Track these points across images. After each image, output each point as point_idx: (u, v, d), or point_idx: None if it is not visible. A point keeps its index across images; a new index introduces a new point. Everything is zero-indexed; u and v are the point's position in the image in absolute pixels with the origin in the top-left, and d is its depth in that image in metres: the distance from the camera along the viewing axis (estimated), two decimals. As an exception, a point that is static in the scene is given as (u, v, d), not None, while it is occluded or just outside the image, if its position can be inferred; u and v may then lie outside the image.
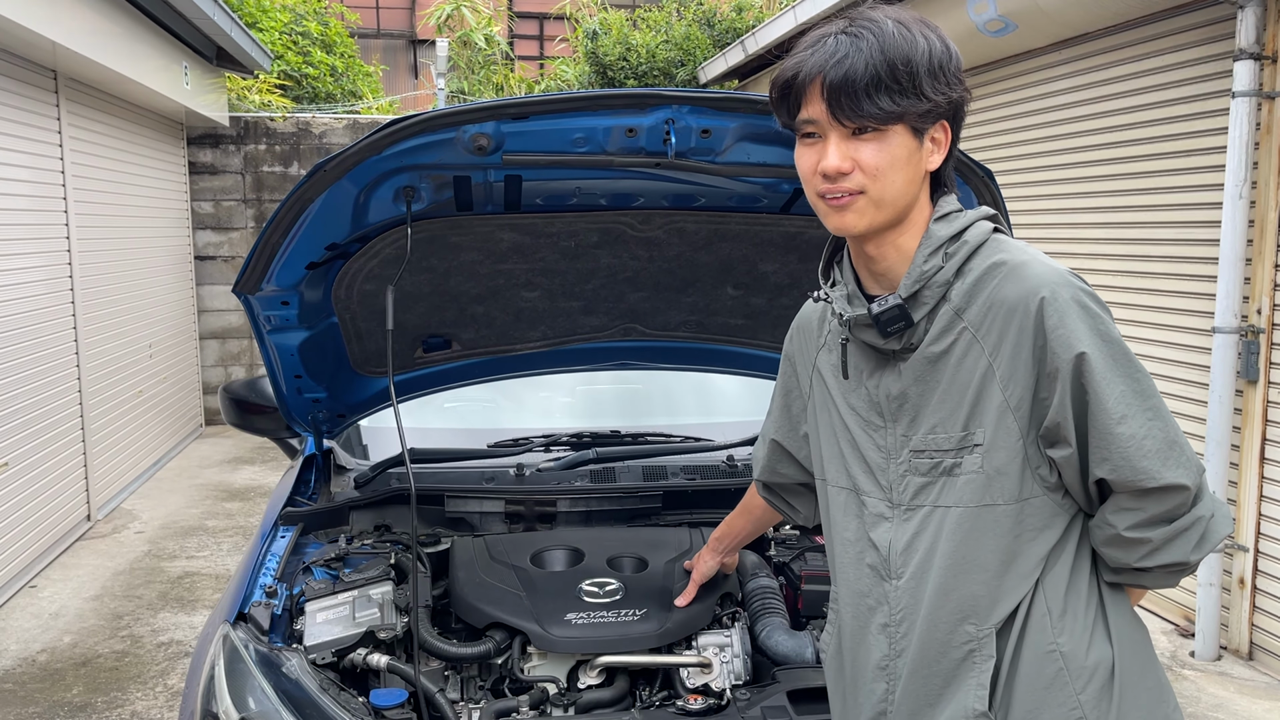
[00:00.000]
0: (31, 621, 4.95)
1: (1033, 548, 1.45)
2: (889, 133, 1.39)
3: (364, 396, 2.94)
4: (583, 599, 2.31)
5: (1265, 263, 4.31)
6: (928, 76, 1.39)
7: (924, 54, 1.39)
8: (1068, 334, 1.38)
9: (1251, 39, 4.20)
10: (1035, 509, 1.44)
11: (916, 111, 1.39)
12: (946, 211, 1.48)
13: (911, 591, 1.51)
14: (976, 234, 1.47)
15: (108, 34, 6.14)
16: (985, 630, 1.45)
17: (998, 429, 1.43)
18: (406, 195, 2.24)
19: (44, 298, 5.92)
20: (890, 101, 1.37)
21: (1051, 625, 1.44)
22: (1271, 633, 4.41)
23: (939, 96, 1.40)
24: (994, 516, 1.44)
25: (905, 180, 1.43)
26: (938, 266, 1.45)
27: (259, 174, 9.69)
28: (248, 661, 2.05)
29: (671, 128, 2.03)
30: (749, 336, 2.96)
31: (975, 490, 1.44)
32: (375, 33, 20.59)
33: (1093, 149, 5.35)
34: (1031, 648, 1.44)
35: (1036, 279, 1.40)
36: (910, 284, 1.46)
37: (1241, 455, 4.47)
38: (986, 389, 1.43)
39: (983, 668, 1.45)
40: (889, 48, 1.37)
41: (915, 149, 1.42)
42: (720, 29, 11.34)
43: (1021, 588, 1.44)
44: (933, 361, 1.47)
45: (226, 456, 8.51)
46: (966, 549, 1.45)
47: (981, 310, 1.43)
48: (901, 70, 1.37)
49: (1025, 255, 1.44)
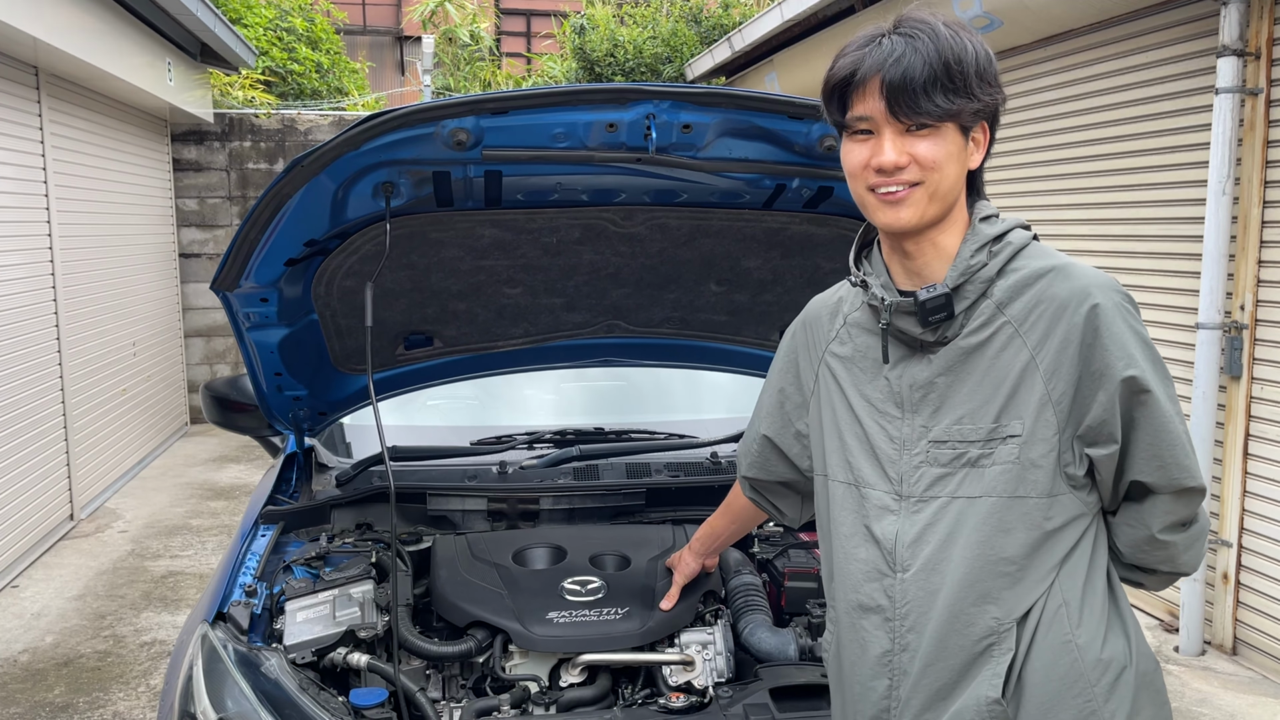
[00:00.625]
0: (13, 621, 4.91)
1: (1058, 542, 1.48)
2: (942, 129, 1.45)
3: (345, 394, 2.92)
4: (565, 597, 2.30)
5: (1248, 259, 4.33)
6: (977, 78, 1.45)
7: (973, 56, 1.46)
8: (1121, 337, 1.45)
9: (1235, 35, 4.21)
10: (1063, 504, 1.48)
11: (969, 110, 1.45)
12: (989, 214, 1.55)
13: (922, 584, 1.51)
14: (1019, 238, 1.53)
15: (90, 30, 6.09)
16: (1008, 623, 1.47)
17: (1038, 421, 1.46)
18: (385, 191, 2.22)
19: (25, 295, 5.88)
20: (946, 100, 1.43)
21: (1069, 619, 1.47)
22: (1255, 628, 4.43)
23: (986, 97, 1.47)
24: (1025, 509, 1.46)
25: (956, 175, 1.49)
26: (982, 263, 1.50)
27: (244, 171, 9.64)
28: (226, 661, 2.04)
29: (652, 123, 2.02)
30: (732, 333, 2.95)
31: (1009, 481, 1.47)
32: (361, 29, 20.52)
33: (1077, 145, 5.36)
34: (1048, 640, 1.47)
35: (1086, 281, 1.47)
36: (956, 275, 1.49)
37: (1225, 451, 4.48)
38: (1026, 381, 1.47)
39: (1001, 659, 1.47)
40: (944, 49, 1.43)
41: (963, 147, 1.49)
42: (707, 25, 11.34)
43: (1044, 581, 1.47)
44: (968, 353, 1.50)
45: (211, 455, 8.47)
46: (997, 540, 1.47)
47: (1027, 306, 1.48)
48: (955, 70, 1.43)
49: (1069, 260, 1.52)
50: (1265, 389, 4.32)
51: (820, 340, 1.70)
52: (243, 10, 11.54)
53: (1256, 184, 4.28)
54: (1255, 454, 4.38)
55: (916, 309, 1.50)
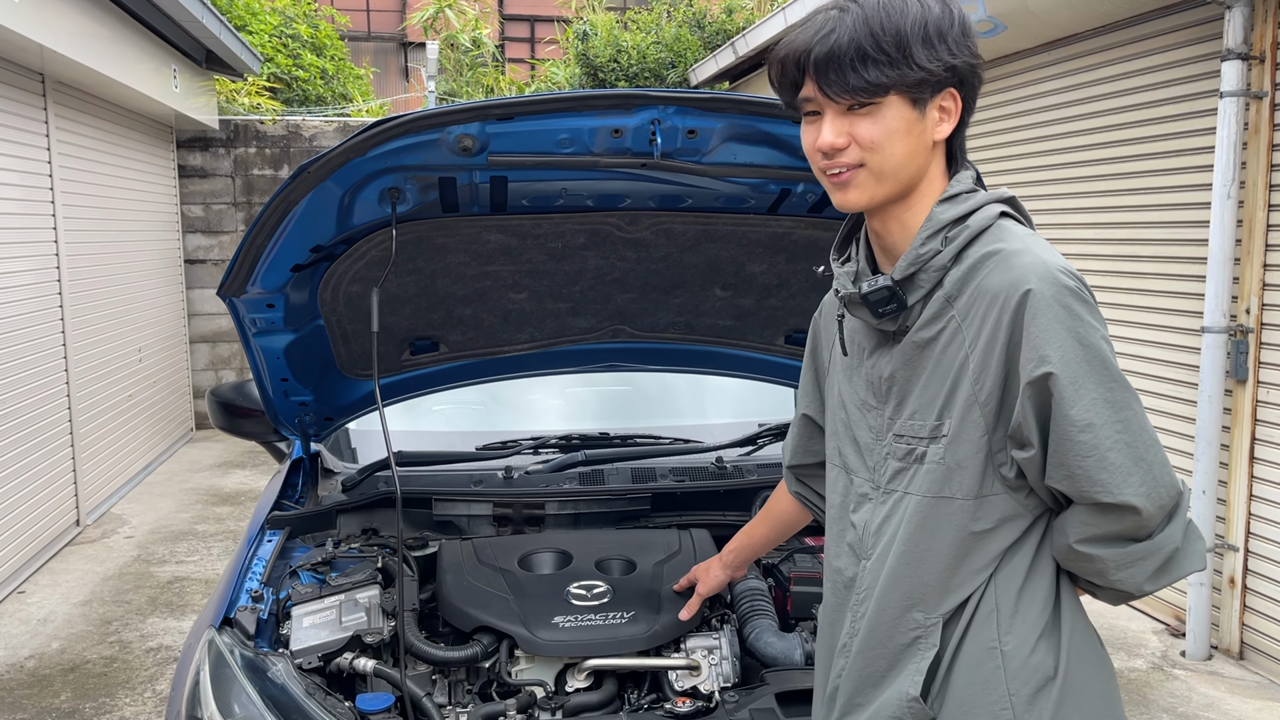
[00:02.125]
0: (20, 627, 4.92)
1: (988, 543, 1.42)
2: (883, 105, 1.37)
3: (351, 399, 2.92)
4: (571, 602, 2.30)
5: (1254, 262, 4.32)
6: (921, 44, 1.35)
7: (916, 21, 1.35)
8: (1040, 333, 1.33)
9: (1239, 39, 4.21)
10: (994, 505, 1.41)
11: (908, 82, 1.35)
12: (955, 192, 1.44)
13: (874, 573, 1.52)
14: (980, 219, 1.42)
15: (96, 37, 6.12)
16: (932, 619, 1.45)
17: (963, 422, 1.40)
18: (392, 197, 2.23)
19: (32, 302, 5.89)
20: (878, 73, 1.34)
21: (998, 623, 1.42)
22: (1262, 632, 4.42)
23: (934, 64, 1.36)
24: (950, 510, 1.42)
25: (906, 152, 1.39)
26: (935, 250, 1.42)
27: (249, 177, 9.66)
28: (233, 666, 2.04)
29: (657, 128, 2.02)
30: (737, 337, 2.95)
31: (934, 481, 1.43)
32: (366, 35, 20.56)
33: (1081, 149, 5.36)
34: (974, 642, 1.43)
35: (1022, 270, 1.35)
36: (905, 266, 1.43)
37: (1231, 455, 4.47)
38: (961, 381, 1.40)
39: (925, 655, 1.45)
40: (873, 18, 1.34)
41: (915, 119, 1.39)
42: (710, 31, 11.35)
43: (973, 582, 1.43)
44: (920, 347, 1.45)
45: (217, 461, 8.48)
46: (921, 538, 1.44)
47: (970, 299, 1.40)
48: (888, 40, 1.34)
49: (1021, 244, 1.39)
50: (1271, 393, 4.32)
51: (832, 324, 1.70)
52: (247, 17, 11.58)
53: (1261, 187, 4.27)
54: (1261, 458, 4.37)
55: (862, 300, 1.46)
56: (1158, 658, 4.57)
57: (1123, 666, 4.48)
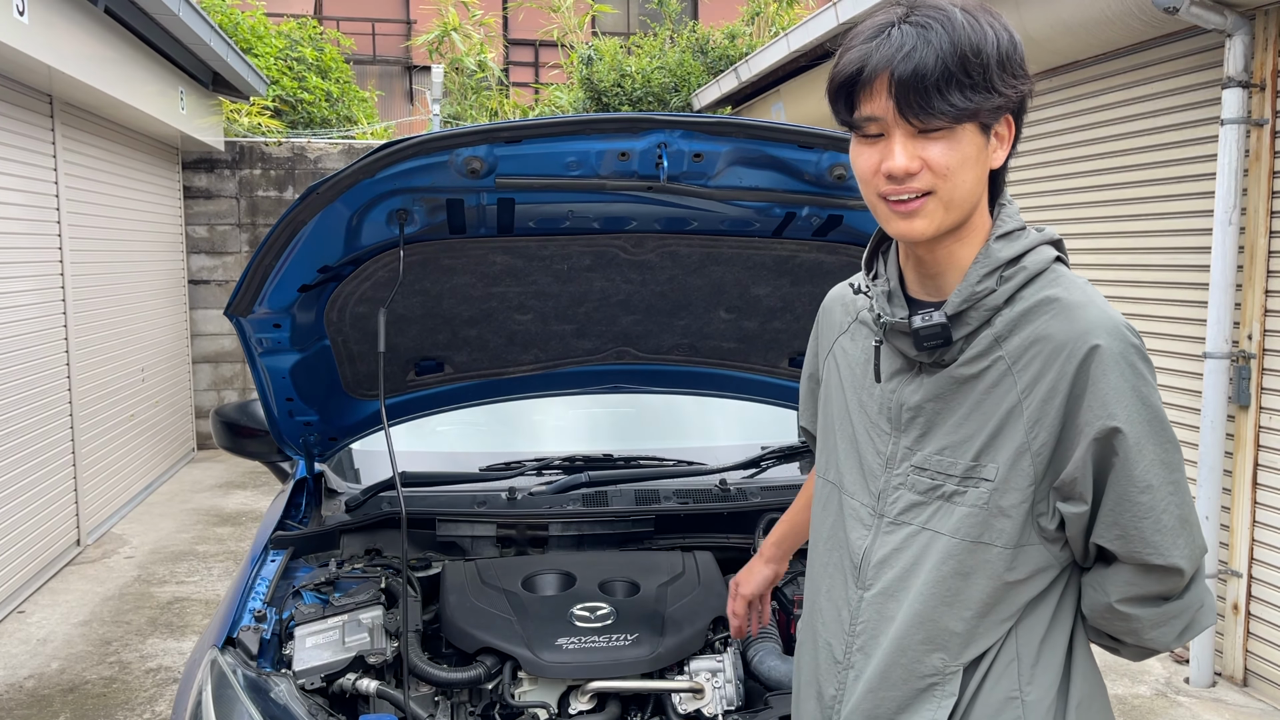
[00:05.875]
0: (19, 647, 4.91)
1: (1019, 593, 1.39)
2: (958, 130, 1.30)
3: (356, 419, 2.93)
4: (574, 623, 2.30)
5: (1255, 288, 4.33)
6: (998, 69, 1.29)
7: (994, 44, 1.29)
8: (1110, 390, 1.30)
9: (1240, 67, 4.24)
10: (1030, 556, 1.38)
11: (989, 107, 1.29)
12: (1009, 230, 1.39)
13: (879, 608, 1.46)
14: (1036, 261, 1.37)
15: (104, 59, 6.16)
16: (954, 667, 1.40)
17: (1012, 470, 1.35)
18: (399, 218, 2.24)
19: (36, 321, 5.91)
20: (963, 98, 1.27)
21: (1019, 673, 1.39)
22: (1266, 659, 4.40)
23: (1009, 90, 1.30)
24: (988, 556, 1.37)
25: (974, 180, 1.34)
26: (990, 289, 1.36)
27: (254, 198, 9.70)
28: (235, 687, 2.04)
29: (664, 151, 2.03)
30: (741, 360, 2.96)
31: (973, 526, 1.38)
32: (371, 59, 20.69)
33: (1083, 176, 5.38)
34: (993, 691, 1.39)
35: (1089, 324, 1.31)
36: (958, 303, 1.37)
37: (1234, 480, 4.47)
38: (1009, 426, 1.36)
39: (943, 704, 1.40)
40: (960, 40, 1.27)
41: (983, 146, 1.33)
42: (713, 56, 11.43)
43: (997, 631, 1.39)
44: (960, 383, 1.39)
45: (218, 481, 8.47)
46: (954, 582, 1.39)
47: (1024, 343, 1.35)
48: (974, 63, 1.27)
49: (1083, 295, 1.35)
50: (1274, 418, 4.32)
51: (832, 330, 1.65)
52: (253, 40, 11.65)
53: (1263, 214, 4.29)
54: (1264, 484, 4.37)
55: (911, 334, 1.40)
56: (1161, 684, 4.54)
57: (1126, 693, 4.46)
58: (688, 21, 13.55)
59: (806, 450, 3.33)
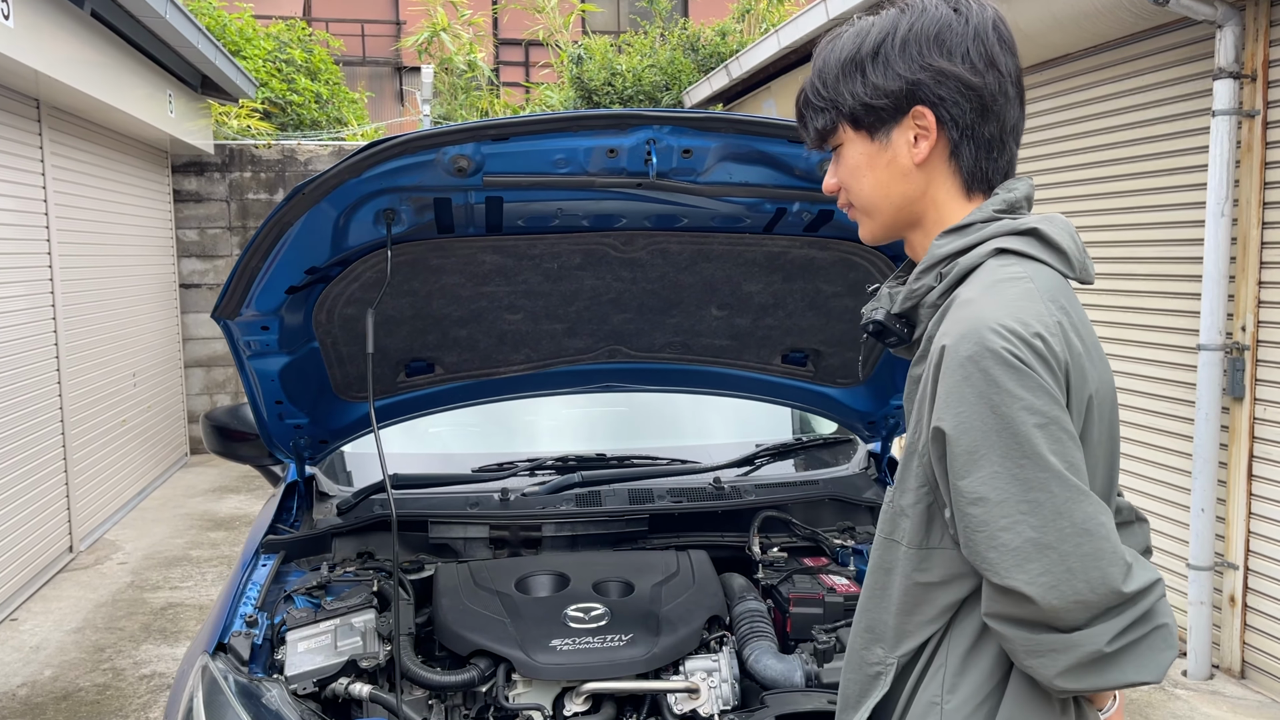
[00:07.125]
0: (12, 655, 4.88)
1: (937, 596, 1.35)
2: (846, 144, 1.40)
3: (347, 422, 2.91)
4: (568, 625, 2.28)
5: (1248, 280, 4.33)
6: (842, 77, 1.36)
7: (837, 55, 1.37)
8: (945, 393, 1.25)
9: (1231, 58, 4.23)
10: (942, 559, 1.34)
11: (846, 116, 1.37)
12: (965, 224, 1.35)
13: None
14: (971, 257, 1.32)
15: (91, 63, 6.13)
16: (890, 659, 1.40)
17: (905, 470, 1.37)
18: (387, 218, 2.22)
19: (26, 326, 5.88)
20: (820, 118, 1.39)
21: (944, 680, 1.35)
22: (1264, 651, 4.40)
23: (866, 91, 1.33)
24: (896, 554, 1.38)
25: (873, 184, 1.39)
26: (929, 286, 1.35)
27: (244, 201, 9.67)
28: (227, 693, 2.02)
29: (653, 148, 2.02)
30: (733, 357, 2.94)
31: (886, 522, 1.41)
32: (360, 60, 20.66)
33: (1075, 169, 5.37)
34: (923, 693, 1.38)
35: (954, 323, 1.26)
36: (901, 300, 1.39)
37: (1229, 472, 4.46)
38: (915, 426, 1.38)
39: (876, 693, 1.41)
40: (818, 58, 1.37)
41: (875, 151, 1.37)
42: (704, 54, 11.42)
43: (924, 631, 1.37)
44: (914, 382, 1.39)
45: (211, 485, 8.44)
46: (880, 577, 1.42)
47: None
48: (818, 83, 1.37)
49: (981, 293, 1.27)
50: (1268, 410, 4.31)
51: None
52: (241, 42, 11.62)
53: (1255, 205, 4.29)
54: (1259, 475, 4.37)
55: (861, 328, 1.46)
56: (1159, 677, 4.54)
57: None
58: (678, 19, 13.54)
59: (800, 447, 3.32)
